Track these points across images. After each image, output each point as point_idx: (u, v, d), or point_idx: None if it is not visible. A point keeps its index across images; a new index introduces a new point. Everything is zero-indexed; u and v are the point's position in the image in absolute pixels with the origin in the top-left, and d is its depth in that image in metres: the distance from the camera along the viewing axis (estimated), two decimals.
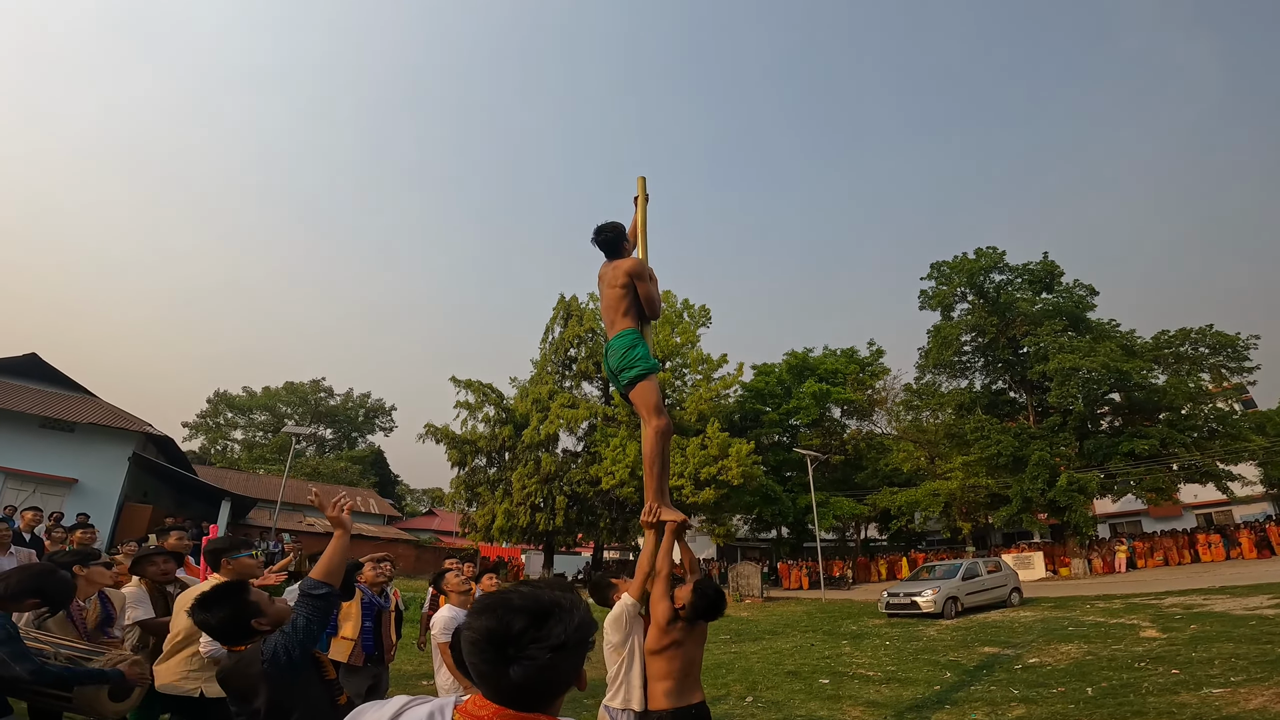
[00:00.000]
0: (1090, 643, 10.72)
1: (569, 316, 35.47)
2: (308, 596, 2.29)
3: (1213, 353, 27.04)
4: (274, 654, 2.11)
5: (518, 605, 1.04)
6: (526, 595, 1.07)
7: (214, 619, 2.30)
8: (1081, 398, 26.93)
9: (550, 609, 1.05)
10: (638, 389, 3.17)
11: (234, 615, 2.31)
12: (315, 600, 2.28)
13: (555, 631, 1.02)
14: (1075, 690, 7.62)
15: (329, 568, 2.39)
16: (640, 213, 3.74)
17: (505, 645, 1.01)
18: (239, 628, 2.31)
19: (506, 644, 1.01)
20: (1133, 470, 25.36)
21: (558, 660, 1.02)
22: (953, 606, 16.36)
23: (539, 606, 1.05)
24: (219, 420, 63.57)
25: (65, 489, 19.25)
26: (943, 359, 32.01)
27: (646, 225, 3.70)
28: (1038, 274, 30.73)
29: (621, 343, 3.29)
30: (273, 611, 2.40)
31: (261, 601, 2.40)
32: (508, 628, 1.02)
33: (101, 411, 21.35)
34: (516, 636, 1.01)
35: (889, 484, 33.73)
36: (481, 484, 33.07)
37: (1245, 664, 7.91)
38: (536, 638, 1.01)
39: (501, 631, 1.02)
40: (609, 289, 3.43)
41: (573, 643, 1.04)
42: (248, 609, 2.33)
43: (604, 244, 3.60)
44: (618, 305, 3.38)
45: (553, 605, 1.06)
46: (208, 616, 2.31)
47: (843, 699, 8.19)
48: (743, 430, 34.35)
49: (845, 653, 11.98)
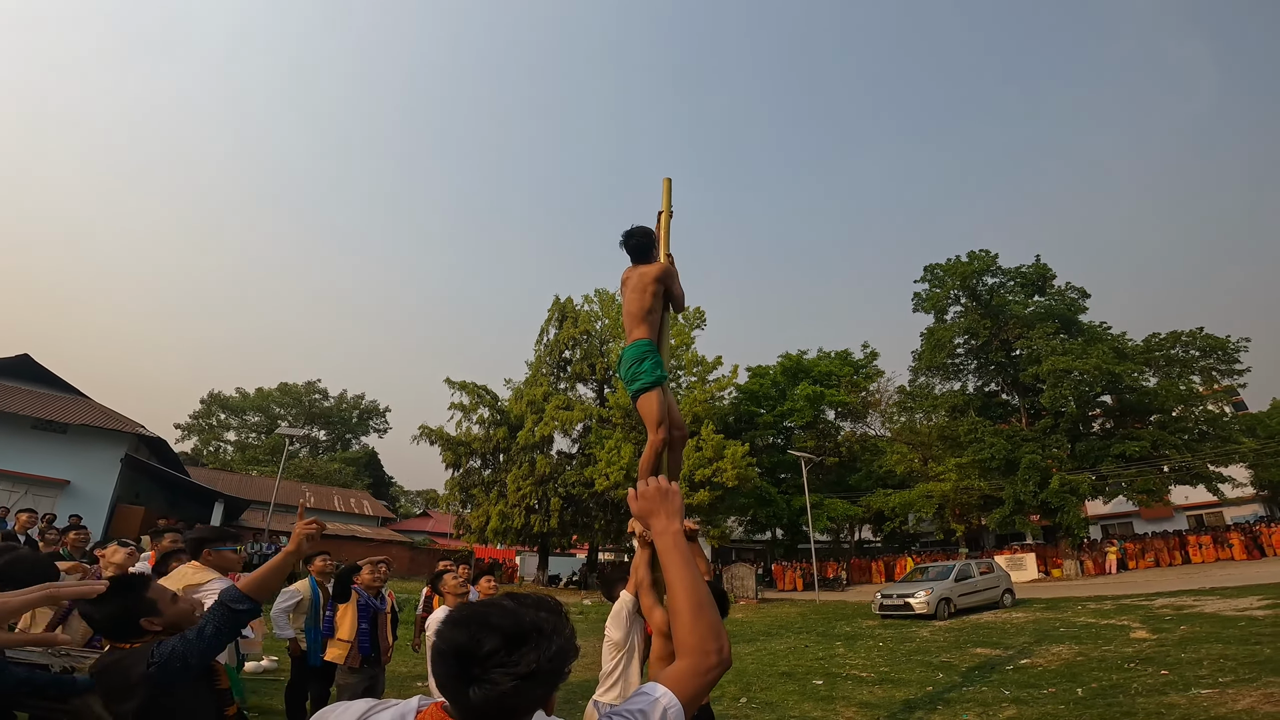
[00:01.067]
0: (1081, 644, 10.81)
1: (564, 318, 35.50)
2: (225, 607, 2.11)
3: (1203, 355, 27.25)
4: (167, 659, 1.95)
5: (494, 624, 0.98)
6: (507, 613, 1.00)
7: (99, 613, 2.09)
8: (1073, 400, 27.11)
9: (528, 633, 0.98)
10: (641, 400, 3.19)
11: (123, 612, 2.09)
12: (232, 613, 2.12)
13: (527, 659, 0.96)
14: (1066, 691, 7.70)
15: (262, 584, 2.22)
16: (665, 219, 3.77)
17: (471, 664, 0.95)
18: (126, 625, 2.09)
19: (472, 663, 0.95)
20: (1124, 472, 25.53)
21: (523, 688, 0.95)
22: (946, 608, 16.45)
23: (516, 628, 0.98)
24: (212, 421, 63.29)
25: (57, 490, 19.17)
26: (936, 361, 32.17)
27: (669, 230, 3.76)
28: (1030, 277, 30.95)
29: (632, 353, 3.29)
30: (170, 612, 2.18)
31: (160, 600, 2.18)
32: (477, 646, 0.96)
33: (94, 413, 21.27)
34: (484, 657, 0.95)
35: (883, 486, 33.89)
36: (476, 485, 33.07)
37: (1234, 665, 7.99)
38: (504, 662, 0.95)
39: (470, 649, 0.96)
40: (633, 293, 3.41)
41: (544, 672, 0.97)
42: (140, 606, 2.11)
43: (634, 249, 3.59)
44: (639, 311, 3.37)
45: (532, 629, 0.99)
46: (93, 610, 2.10)
47: (836, 700, 8.24)
48: (737, 432, 34.44)
49: (839, 654, 12.04)
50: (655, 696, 1.09)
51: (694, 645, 1.16)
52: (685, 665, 1.15)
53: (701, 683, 1.14)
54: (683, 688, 1.11)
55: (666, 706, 1.07)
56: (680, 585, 1.22)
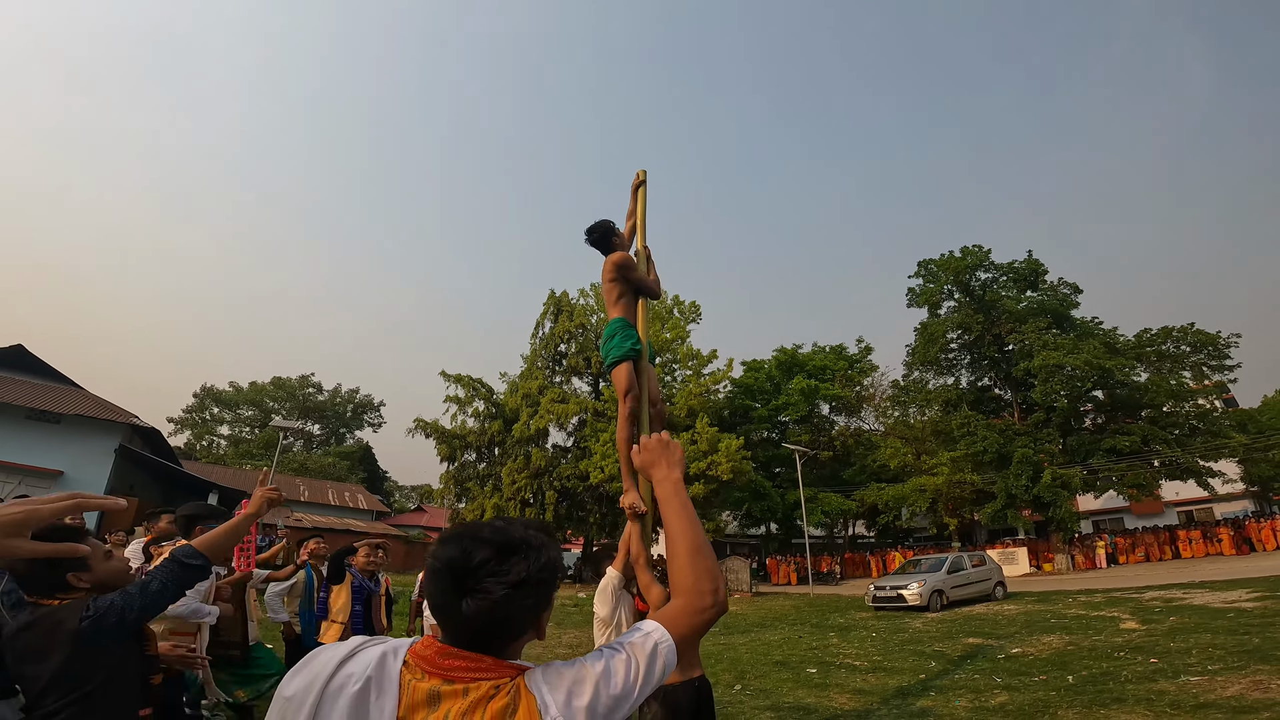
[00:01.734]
0: (1071, 634, 10.91)
1: (559, 312, 35.45)
2: (177, 562, 2.02)
3: (1194, 351, 27.44)
4: (102, 614, 1.83)
5: (485, 537, 1.02)
6: (496, 528, 1.04)
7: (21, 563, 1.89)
8: (1065, 395, 27.27)
9: (517, 545, 1.02)
10: (615, 371, 3.39)
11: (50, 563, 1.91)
12: (181, 568, 2.02)
13: (517, 568, 0.99)
14: (1056, 678, 7.77)
15: (217, 544, 2.16)
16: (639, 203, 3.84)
17: (464, 576, 0.99)
18: (51, 579, 1.94)
19: (465, 575, 0.99)
20: (1115, 467, 25.72)
21: (514, 597, 0.98)
22: (938, 600, 16.57)
23: (506, 541, 1.02)
24: (205, 415, 63.02)
25: (51, 481, 19.09)
26: (929, 356, 32.32)
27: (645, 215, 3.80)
28: (1022, 272, 31.10)
29: (607, 330, 3.55)
30: (102, 570, 2.04)
31: (92, 555, 2.02)
32: (469, 558, 0.99)
33: (88, 403, 21.17)
34: (476, 568, 0.98)
35: (876, 480, 34.05)
36: (471, 479, 33.05)
37: (1222, 654, 8.09)
38: (495, 571, 0.98)
39: (463, 561, 0.99)
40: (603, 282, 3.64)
41: (533, 581, 1.00)
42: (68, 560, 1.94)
43: (595, 243, 3.78)
44: (610, 297, 3.60)
45: (520, 542, 1.02)
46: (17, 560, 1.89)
47: (830, 687, 8.30)
48: (732, 426, 34.51)
49: (832, 644, 12.11)
50: (647, 631, 1.11)
51: (690, 586, 1.19)
52: (680, 604, 1.18)
53: (695, 622, 1.16)
54: (676, 625, 1.14)
55: (658, 641, 1.09)
56: (680, 529, 1.27)
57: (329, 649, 1.06)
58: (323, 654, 1.06)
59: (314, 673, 1.01)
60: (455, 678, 0.98)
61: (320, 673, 1.00)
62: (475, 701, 0.95)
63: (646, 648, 1.07)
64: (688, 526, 1.27)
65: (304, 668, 1.04)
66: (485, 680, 0.98)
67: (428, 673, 0.99)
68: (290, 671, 1.05)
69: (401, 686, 0.98)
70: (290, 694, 1.00)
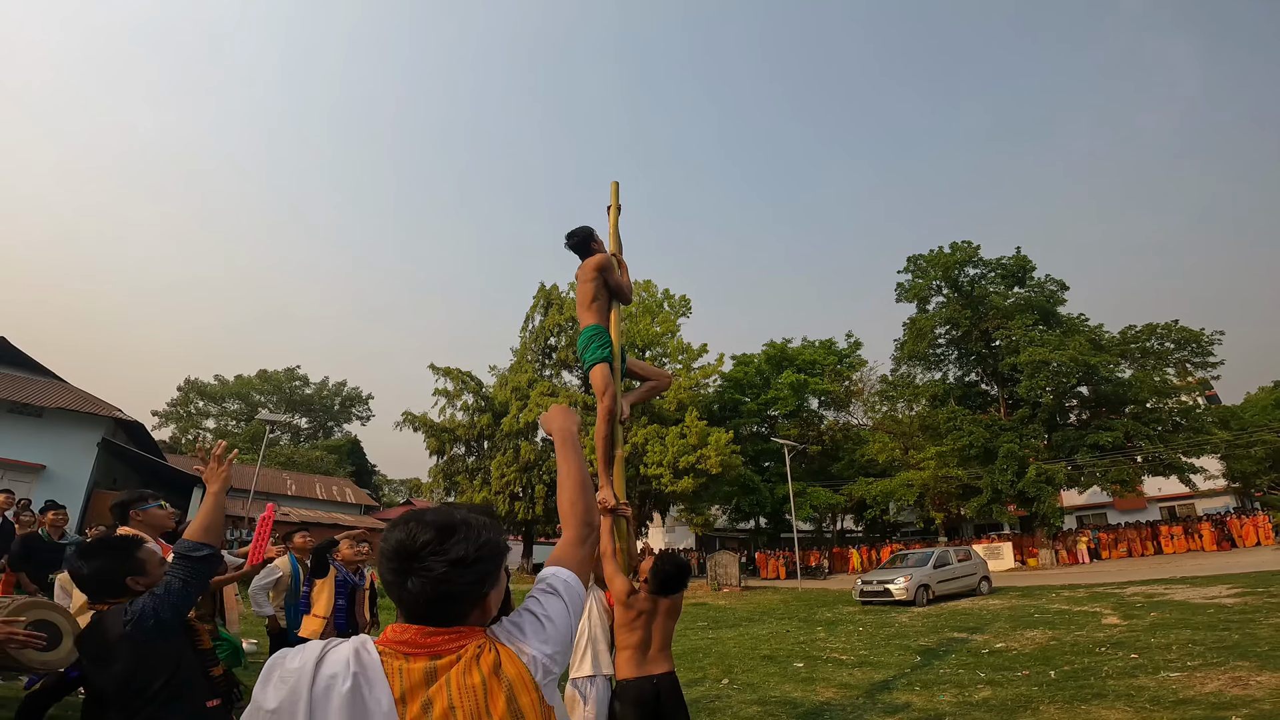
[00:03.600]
0: (1054, 629, 11.04)
1: (549, 305, 35.32)
2: (185, 558, 2.08)
3: (1178, 348, 27.70)
4: (140, 617, 1.94)
5: (428, 520, 1.10)
6: (439, 512, 1.12)
7: (88, 569, 2.10)
8: (1050, 391, 27.50)
9: (457, 526, 1.09)
10: (593, 372, 3.60)
11: (111, 568, 2.11)
12: (193, 562, 2.08)
13: (456, 547, 1.06)
14: (1039, 673, 7.87)
15: (205, 524, 2.17)
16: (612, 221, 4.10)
17: (409, 557, 1.06)
18: (112, 583, 2.11)
19: (410, 556, 1.06)
20: (1099, 463, 25.98)
21: (453, 574, 1.05)
22: (924, 594, 16.71)
23: (447, 522, 1.09)
24: (190, 409, 62.35)
25: (33, 475, 18.85)
26: (917, 351, 32.49)
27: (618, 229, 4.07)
28: (1010, 269, 31.29)
29: (584, 336, 3.74)
30: (156, 573, 2.19)
31: (149, 561, 2.20)
32: (413, 540, 1.06)
33: (70, 396, 20.90)
34: (419, 548, 1.05)
35: (864, 475, 34.23)
36: (460, 473, 32.94)
37: (1202, 650, 8.22)
38: (437, 550, 1.05)
39: (408, 543, 1.06)
40: (580, 285, 3.82)
41: (471, 559, 1.07)
42: (128, 564, 2.14)
43: (574, 247, 3.99)
44: (585, 300, 3.78)
45: (460, 523, 1.10)
46: (82, 566, 2.11)
47: (816, 681, 8.36)
48: (721, 420, 34.58)
49: (820, 638, 12.20)
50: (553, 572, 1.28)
51: (574, 518, 1.39)
52: (568, 536, 1.37)
53: (584, 551, 1.36)
54: (571, 556, 1.33)
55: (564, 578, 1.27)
56: (569, 468, 1.49)
57: (293, 654, 1.08)
58: (289, 660, 1.06)
59: (293, 681, 1.02)
60: (443, 651, 1.06)
61: (300, 680, 1.01)
62: (468, 663, 1.05)
63: (559, 586, 1.25)
64: (579, 467, 1.49)
65: (274, 678, 1.04)
66: (469, 644, 1.07)
67: (413, 655, 1.06)
68: (260, 682, 1.04)
69: (389, 674, 1.03)
70: (275, 706, 1.01)
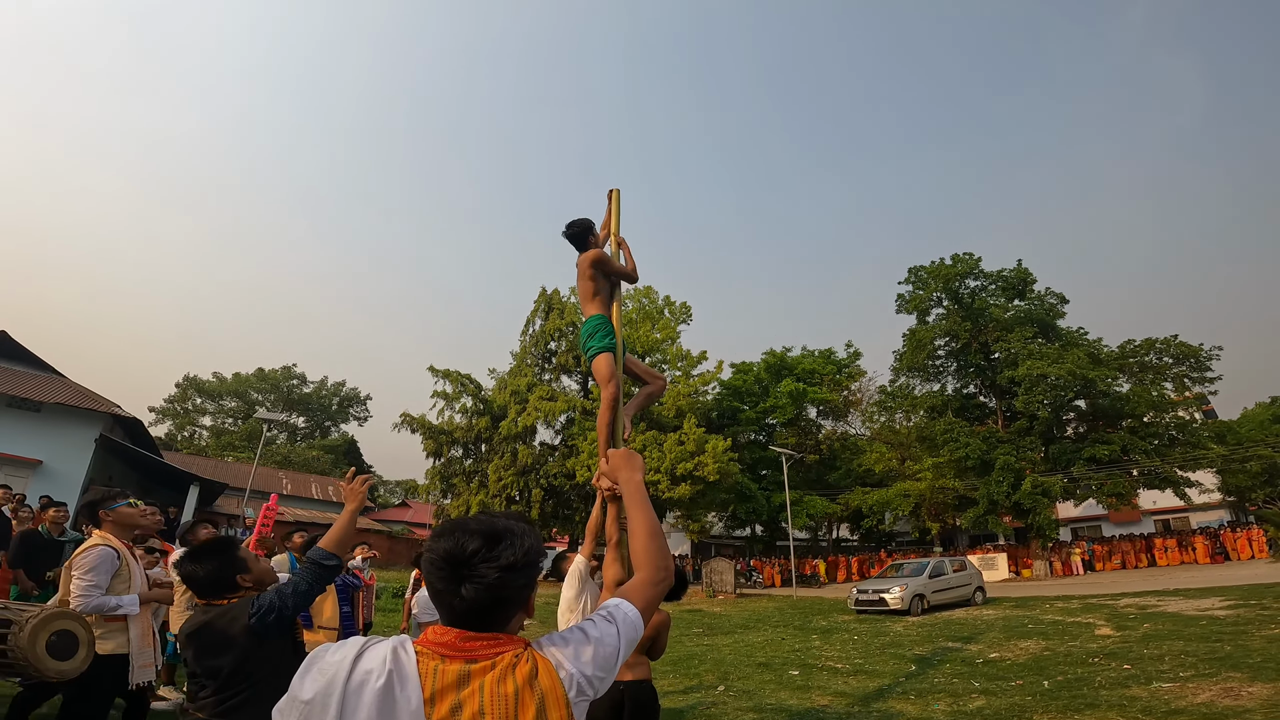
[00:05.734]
0: (1048, 639, 11.09)
1: (549, 309, 35.41)
2: (317, 565, 2.28)
3: (1176, 363, 27.83)
4: (265, 611, 2.11)
5: (473, 529, 1.15)
6: (482, 521, 1.18)
7: (202, 570, 2.28)
8: (1048, 404, 27.59)
9: (502, 534, 1.15)
10: (596, 362, 3.56)
11: (222, 568, 2.29)
12: (323, 570, 2.28)
13: (505, 553, 1.12)
14: (1032, 683, 7.91)
15: (340, 539, 2.38)
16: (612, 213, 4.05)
17: (460, 565, 1.11)
18: (224, 581, 2.29)
19: (460, 564, 1.11)
20: (1094, 475, 26.05)
21: (506, 579, 1.11)
22: (919, 604, 16.74)
23: (492, 531, 1.15)
24: (187, 406, 62.30)
25: (30, 470, 18.79)
26: (916, 362, 32.57)
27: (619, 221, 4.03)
28: (1011, 281, 31.40)
29: (588, 326, 3.71)
30: (257, 570, 2.40)
31: (249, 559, 2.40)
32: (462, 549, 1.11)
33: (69, 392, 20.87)
34: (470, 556, 1.11)
35: (861, 484, 34.27)
36: (457, 475, 32.96)
37: (1194, 661, 8.27)
38: (487, 558, 1.11)
39: (456, 552, 1.11)
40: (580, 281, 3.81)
41: (521, 564, 1.13)
42: (235, 564, 2.32)
43: (572, 238, 3.96)
44: (588, 292, 3.75)
45: (505, 531, 1.16)
46: (196, 568, 2.28)
47: (811, 689, 8.39)
48: (720, 427, 34.62)
49: (815, 646, 12.23)
50: (619, 603, 1.30)
51: (648, 561, 1.42)
52: (641, 577, 1.40)
53: (654, 593, 1.38)
54: (640, 596, 1.34)
55: (627, 611, 1.28)
56: (641, 518, 1.53)
57: (334, 649, 1.13)
58: (329, 654, 1.12)
59: (330, 673, 1.08)
60: (479, 656, 1.10)
61: (338, 673, 1.07)
62: (503, 670, 1.09)
63: (618, 616, 1.26)
64: (649, 516, 1.54)
65: (314, 669, 1.11)
66: (507, 652, 1.12)
67: (449, 657, 1.10)
68: (299, 673, 1.11)
69: (422, 674, 1.07)
70: (309, 697, 1.07)
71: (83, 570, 3.43)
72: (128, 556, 3.69)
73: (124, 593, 3.58)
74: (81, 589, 3.39)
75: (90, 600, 3.39)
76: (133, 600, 3.60)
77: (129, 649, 3.55)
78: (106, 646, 3.45)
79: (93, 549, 3.50)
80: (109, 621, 3.49)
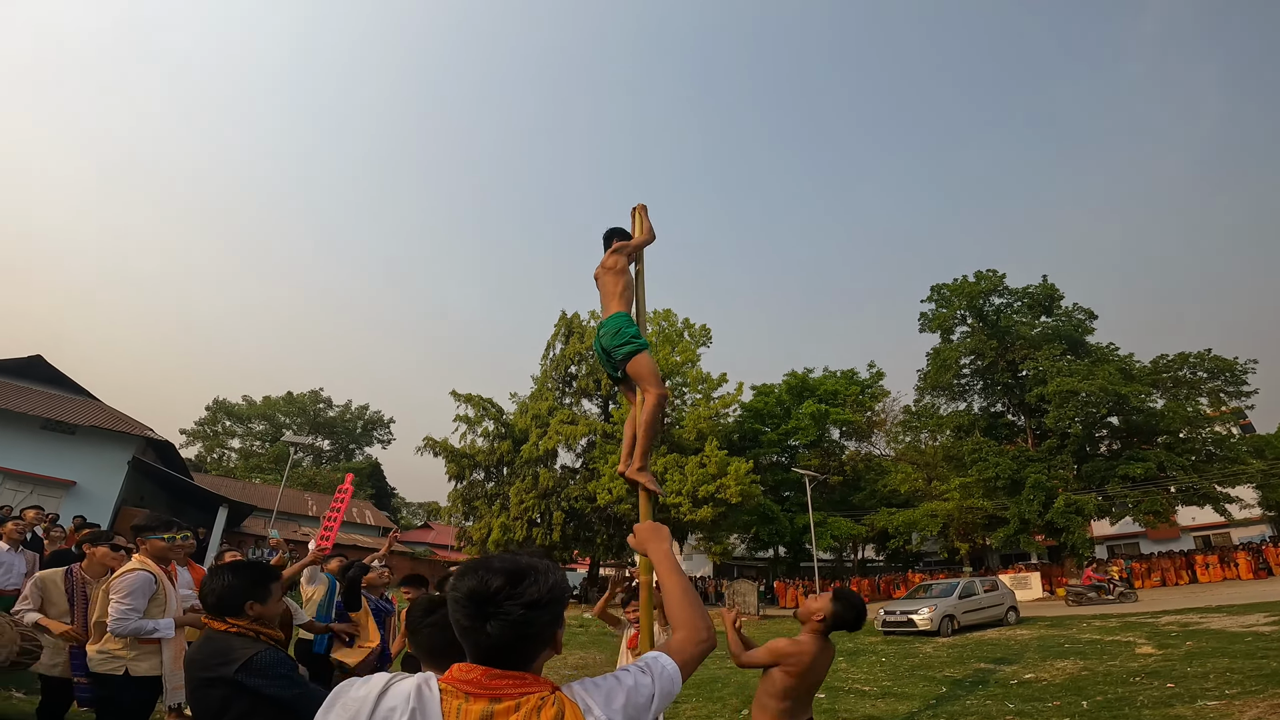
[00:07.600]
0: (1086, 659, 10.71)
1: (570, 333, 35.57)
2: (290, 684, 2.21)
3: (1211, 377, 27.19)
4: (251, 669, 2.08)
5: (497, 567, 1.15)
6: (505, 559, 1.18)
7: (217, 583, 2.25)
8: (1080, 421, 27.01)
9: (526, 571, 1.15)
10: (634, 361, 3.14)
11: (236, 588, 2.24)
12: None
13: (529, 591, 1.12)
14: (1070, 704, 7.63)
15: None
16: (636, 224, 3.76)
17: (485, 603, 1.11)
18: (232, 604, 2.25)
19: (485, 601, 1.11)
20: (1130, 493, 25.36)
21: (531, 617, 1.12)
22: (949, 624, 16.30)
23: (515, 568, 1.15)
24: (217, 428, 63.43)
25: (63, 490, 19.23)
26: (941, 381, 32.13)
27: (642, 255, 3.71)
28: (1037, 297, 30.95)
29: (614, 322, 3.29)
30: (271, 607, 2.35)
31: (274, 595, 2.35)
32: (486, 586, 1.12)
33: (103, 415, 21.39)
34: (494, 593, 1.11)
35: (887, 505, 33.69)
36: (479, 498, 32.97)
37: (1240, 678, 7.93)
38: (512, 595, 1.11)
39: (482, 590, 1.12)
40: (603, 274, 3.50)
41: (545, 601, 1.14)
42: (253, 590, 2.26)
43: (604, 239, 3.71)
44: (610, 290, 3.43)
45: (528, 568, 1.16)
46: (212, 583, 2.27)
47: (839, 713, 8.18)
48: (741, 449, 34.32)
49: (841, 669, 11.92)
50: (658, 656, 1.31)
51: (686, 622, 1.42)
52: (682, 636, 1.40)
53: (696, 651, 1.38)
54: (681, 653, 1.35)
55: (665, 665, 1.28)
56: (674, 584, 1.53)
57: (358, 684, 1.15)
58: (354, 689, 1.14)
59: (354, 709, 1.10)
60: (504, 695, 1.10)
61: (361, 709, 1.09)
62: (529, 713, 1.08)
63: (655, 668, 1.26)
64: (678, 581, 1.53)
65: (337, 705, 1.13)
66: (533, 694, 1.11)
67: (474, 695, 1.10)
68: (323, 708, 1.13)
69: (445, 713, 1.08)
70: None
71: (121, 594, 3.48)
72: (164, 580, 3.74)
73: (160, 616, 3.62)
74: (119, 612, 3.43)
75: (128, 624, 3.43)
76: (168, 624, 3.63)
77: (162, 670, 3.58)
78: (141, 668, 3.48)
79: (130, 573, 3.56)
80: (144, 644, 3.53)
